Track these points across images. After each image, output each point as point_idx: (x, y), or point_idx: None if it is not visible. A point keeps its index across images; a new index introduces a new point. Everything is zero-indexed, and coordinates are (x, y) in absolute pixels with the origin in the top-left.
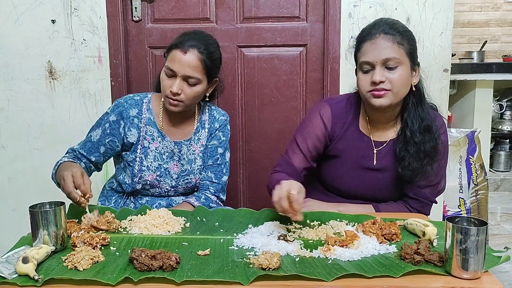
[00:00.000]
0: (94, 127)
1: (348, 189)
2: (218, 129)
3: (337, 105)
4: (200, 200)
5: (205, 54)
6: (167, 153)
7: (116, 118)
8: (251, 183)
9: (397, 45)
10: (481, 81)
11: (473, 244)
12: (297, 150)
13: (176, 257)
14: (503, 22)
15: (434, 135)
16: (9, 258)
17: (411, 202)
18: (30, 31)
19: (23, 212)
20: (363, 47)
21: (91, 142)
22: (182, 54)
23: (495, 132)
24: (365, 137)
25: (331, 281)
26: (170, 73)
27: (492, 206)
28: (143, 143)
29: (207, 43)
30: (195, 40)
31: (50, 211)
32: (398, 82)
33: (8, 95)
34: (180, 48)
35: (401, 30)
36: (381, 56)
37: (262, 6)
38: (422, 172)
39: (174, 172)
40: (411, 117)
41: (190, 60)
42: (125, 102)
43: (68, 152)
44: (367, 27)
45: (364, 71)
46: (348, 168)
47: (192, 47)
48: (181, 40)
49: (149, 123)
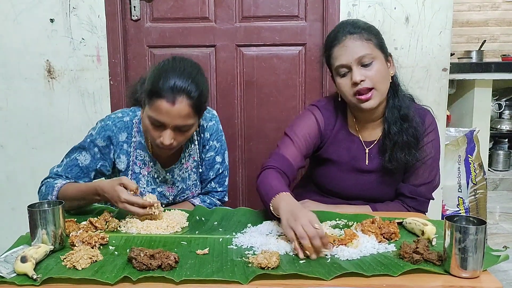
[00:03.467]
0: (77, 149)
1: (343, 192)
2: (210, 138)
3: (326, 108)
4: (205, 203)
5: (195, 98)
6: (160, 178)
7: (105, 143)
8: (250, 182)
9: (366, 41)
10: (480, 81)
11: (472, 243)
12: (290, 143)
13: (175, 256)
14: (502, 22)
15: (412, 123)
16: (8, 257)
17: (407, 201)
18: (28, 30)
19: (22, 211)
20: (333, 52)
21: (78, 167)
22: (170, 106)
23: (494, 131)
24: (355, 138)
25: (330, 280)
26: (157, 123)
27: (491, 205)
28: (133, 168)
29: (195, 81)
30: (181, 81)
31: (48, 210)
32: (377, 76)
33: (6, 94)
34: (166, 98)
35: (365, 27)
36: (354, 56)
37: (261, 5)
38: (407, 162)
39: (170, 194)
40: (389, 108)
41: (180, 110)
42: (113, 126)
43: (52, 177)
44: (332, 33)
45: (342, 74)
46: (341, 171)
47: (179, 93)
48: (164, 86)
49: (140, 147)
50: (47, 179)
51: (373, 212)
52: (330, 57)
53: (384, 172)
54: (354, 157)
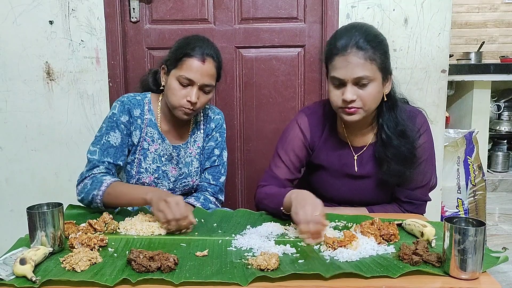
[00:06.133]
0: (106, 131)
1: (337, 197)
2: (214, 129)
3: (313, 115)
4: (199, 200)
5: (217, 62)
6: (166, 156)
7: (127, 117)
8: (249, 183)
9: (369, 61)
10: (478, 82)
11: (471, 245)
12: (280, 163)
13: (174, 258)
14: (501, 23)
15: (409, 139)
16: (7, 260)
17: (404, 205)
18: (27, 32)
19: (21, 213)
20: (334, 60)
21: (113, 147)
22: (201, 64)
23: (493, 132)
24: (344, 144)
25: (330, 282)
26: (186, 82)
27: (490, 206)
28: (142, 144)
29: (217, 50)
30: (208, 48)
31: (48, 212)
32: (369, 99)
33: (5, 96)
34: (197, 57)
35: (375, 44)
36: (353, 75)
37: (260, 7)
38: (404, 176)
39: (172, 175)
40: (385, 121)
41: (209, 69)
42: (129, 102)
43: (96, 165)
44: (339, 35)
45: (335, 85)
46: (332, 177)
47: (208, 55)
48: (194, 48)
49: (150, 124)
50: (92, 171)
51: (372, 214)
52: (329, 63)
53: (375, 178)
54: (344, 163)
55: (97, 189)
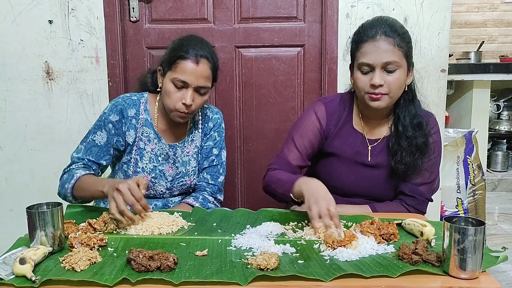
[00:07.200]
0: (93, 130)
1: (344, 186)
2: (213, 128)
3: (331, 103)
4: (198, 200)
5: (212, 63)
6: (163, 155)
7: (118, 117)
8: (249, 183)
9: (397, 48)
10: (478, 82)
11: (470, 244)
12: (293, 148)
13: (174, 257)
14: (500, 23)
15: (424, 131)
16: (6, 259)
17: (407, 199)
18: (27, 31)
19: (20, 212)
20: (363, 47)
21: (97, 147)
22: (195, 65)
23: (493, 132)
24: (359, 135)
25: (329, 281)
26: (180, 84)
27: (490, 206)
28: (138, 144)
29: (211, 51)
30: (202, 49)
31: (47, 211)
32: (395, 85)
33: (5, 95)
34: (191, 59)
35: (401, 32)
36: (382, 60)
37: (259, 6)
38: (414, 166)
39: (169, 175)
40: (403, 113)
41: (203, 71)
42: (123, 102)
43: (75, 162)
44: (367, 25)
45: (363, 72)
46: (343, 165)
47: (202, 57)
48: (188, 49)
49: (146, 124)
50: (70, 167)
51: (372, 213)
52: (358, 50)
53: (387, 169)
54: (357, 151)
55: (68, 182)
